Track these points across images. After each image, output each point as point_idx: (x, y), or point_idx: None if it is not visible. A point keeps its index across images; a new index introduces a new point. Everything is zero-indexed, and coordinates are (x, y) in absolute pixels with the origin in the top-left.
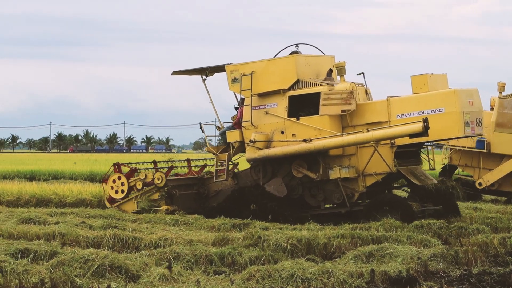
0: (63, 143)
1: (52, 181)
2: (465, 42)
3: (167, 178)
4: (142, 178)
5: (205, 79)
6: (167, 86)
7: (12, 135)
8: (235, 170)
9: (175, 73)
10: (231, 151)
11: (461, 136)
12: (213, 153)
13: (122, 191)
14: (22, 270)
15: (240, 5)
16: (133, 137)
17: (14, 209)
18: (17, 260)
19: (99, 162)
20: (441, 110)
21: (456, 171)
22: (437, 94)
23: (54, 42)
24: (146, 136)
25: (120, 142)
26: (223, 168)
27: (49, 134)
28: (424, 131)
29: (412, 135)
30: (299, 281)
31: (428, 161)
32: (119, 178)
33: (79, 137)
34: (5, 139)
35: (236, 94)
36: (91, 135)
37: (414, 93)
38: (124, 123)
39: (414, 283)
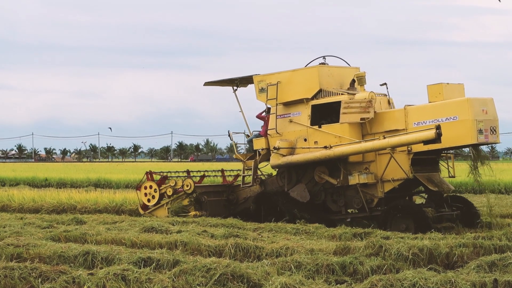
0: (184, 152)
1: None
2: None
3: (196, 185)
4: (172, 185)
5: (236, 89)
6: None
7: (134, 145)
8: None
9: (207, 83)
10: (257, 158)
11: (474, 144)
12: (241, 160)
13: (154, 198)
14: (145, 279)
15: (357, 14)
16: None
17: (137, 218)
18: (140, 268)
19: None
20: (455, 118)
21: None
22: (451, 103)
23: (175, 52)
24: None
25: (240, 151)
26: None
27: (170, 143)
28: (437, 138)
29: (425, 142)
30: None
31: (448, 168)
32: (151, 186)
33: (200, 146)
34: (127, 149)
35: (266, 104)
36: (211, 144)
37: (430, 102)
38: (244, 132)
39: None
